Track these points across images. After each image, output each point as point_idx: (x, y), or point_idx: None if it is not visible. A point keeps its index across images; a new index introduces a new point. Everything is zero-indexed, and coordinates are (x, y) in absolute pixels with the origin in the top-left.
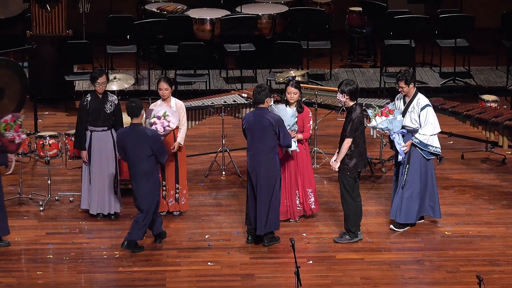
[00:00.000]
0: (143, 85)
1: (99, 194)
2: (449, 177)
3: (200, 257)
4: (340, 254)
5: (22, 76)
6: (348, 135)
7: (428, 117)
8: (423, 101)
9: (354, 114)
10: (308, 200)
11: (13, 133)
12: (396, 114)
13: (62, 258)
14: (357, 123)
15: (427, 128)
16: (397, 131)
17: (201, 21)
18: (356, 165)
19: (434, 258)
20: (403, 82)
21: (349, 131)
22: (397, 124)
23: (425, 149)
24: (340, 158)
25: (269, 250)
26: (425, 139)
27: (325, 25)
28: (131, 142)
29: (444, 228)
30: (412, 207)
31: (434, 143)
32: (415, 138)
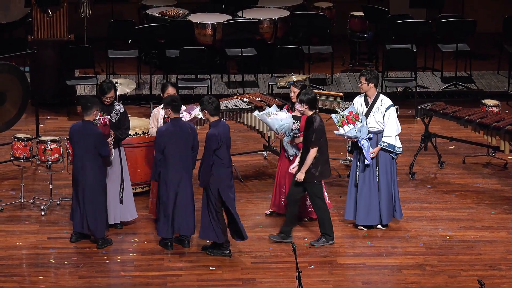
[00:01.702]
0: (145, 89)
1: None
2: (451, 181)
3: (202, 262)
4: (341, 258)
5: (24, 80)
6: (312, 145)
7: (391, 118)
8: (387, 101)
9: (316, 123)
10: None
11: (101, 120)
12: (362, 121)
13: (64, 262)
14: (320, 131)
15: (391, 129)
16: (365, 137)
17: (203, 26)
18: (322, 172)
19: (435, 263)
20: (364, 78)
21: (313, 141)
22: (364, 130)
23: (392, 151)
24: (305, 169)
25: (270, 255)
26: (392, 140)
27: (326, 30)
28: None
29: (446, 233)
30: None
31: (398, 143)
32: (383, 142)
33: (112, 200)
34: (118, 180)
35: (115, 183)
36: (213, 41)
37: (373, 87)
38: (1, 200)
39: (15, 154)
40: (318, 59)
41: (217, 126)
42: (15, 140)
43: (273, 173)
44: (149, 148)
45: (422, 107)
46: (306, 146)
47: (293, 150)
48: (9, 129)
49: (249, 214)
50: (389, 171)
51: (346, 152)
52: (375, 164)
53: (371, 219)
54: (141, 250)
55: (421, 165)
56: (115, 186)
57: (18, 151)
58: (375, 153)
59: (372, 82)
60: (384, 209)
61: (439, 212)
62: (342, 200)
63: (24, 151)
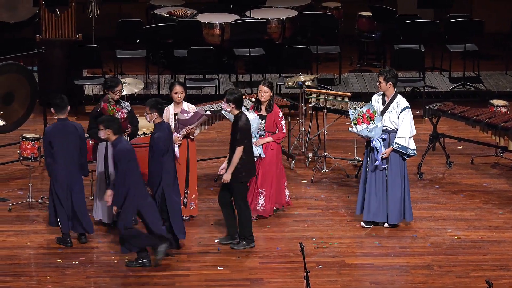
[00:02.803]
0: (153, 89)
1: None
2: (459, 182)
3: (210, 262)
4: (349, 258)
5: (32, 80)
6: (238, 144)
7: (405, 119)
8: (403, 103)
9: (241, 122)
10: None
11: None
12: (377, 121)
13: (72, 262)
14: (245, 131)
15: (405, 130)
16: (378, 137)
17: (211, 26)
18: (248, 171)
19: (443, 263)
20: (382, 78)
21: (239, 140)
22: (377, 131)
23: (405, 152)
24: (232, 169)
25: (278, 255)
26: (405, 142)
27: (334, 30)
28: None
29: (454, 233)
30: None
31: (411, 145)
32: (395, 143)
33: None
34: None
35: None
36: (221, 41)
37: (391, 86)
38: (9, 200)
39: (23, 153)
40: (326, 59)
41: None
42: (23, 140)
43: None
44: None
45: (430, 107)
46: (233, 146)
47: (257, 151)
48: (17, 129)
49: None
50: (400, 172)
51: (354, 152)
52: (385, 164)
53: (377, 216)
54: (149, 250)
55: (429, 165)
56: None
57: (26, 150)
58: (387, 154)
59: (390, 82)
60: (391, 208)
61: (447, 212)
62: (350, 200)
63: (32, 151)
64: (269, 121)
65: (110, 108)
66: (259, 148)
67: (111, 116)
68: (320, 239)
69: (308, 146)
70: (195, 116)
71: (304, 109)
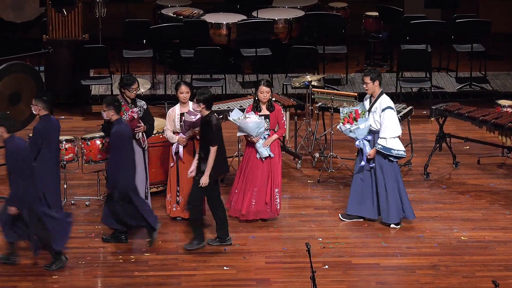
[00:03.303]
0: (159, 89)
1: None
2: (465, 182)
3: (216, 262)
4: (355, 259)
5: (38, 80)
6: (212, 144)
7: (386, 119)
8: (385, 103)
9: (213, 122)
10: (274, 201)
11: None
12: (360, 123)
13: (78, 262)
14: (217, 130)
15: (386, 131)
16: (362, 138)
17: (217, 26)
18: (219, 170)
19: (450, 263)
20: (368, 78)
21: (213, 140)
22: (361, 132)
23: (388, 154)
24: (209, 170)
25: (285, 255)
26: (386, 142)
27: (341, 30)
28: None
29: (460, 233)
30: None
31: (396, 146)
32: (378, 144)
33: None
34: (143, 179)
35: (141, 182)
36: (228, 41)
37: (378, 85)
38: None
39: None
40: (332, 59)
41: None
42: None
43: (286, 174)
44: (165, 148)
45: (437, 107)
46: (205, 146)
47: (267, 152)
48: (23, 128)
49: None
50: (387, 173)
51: None
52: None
53: (362, 211)
54: (156, 250)
55: (436, 166)
56: (139, 186)
57: None
58: (371, 155)
59: (377, 80)
60: (385, 207)
61: (454, 213)
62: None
63: None
64: (272, 119)
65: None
66: (268, 149)
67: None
68: (327, 239)
69: (314, 146)
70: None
71: (311, 109)
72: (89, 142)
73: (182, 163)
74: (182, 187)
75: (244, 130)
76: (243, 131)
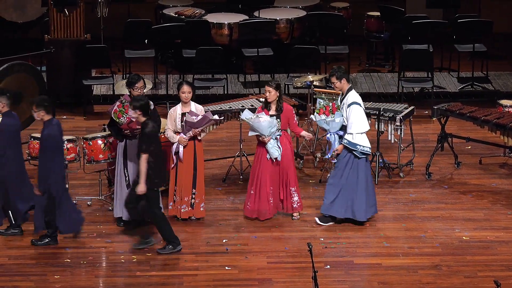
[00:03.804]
0: (161, 89)
1: None
2: (467, 182)
3: (218, 262)
4: (357, 259)
5: (40, 80)
6: (144, 151)
7: (352, 115)
8: (351, 98)
9: (147, 129)
10: (291, 199)
11: (126, 116)
12: (336, 116)
13: (80, 262)
14: (152, 137)
15: (352, 126)
16: (334, 132)
17: (219, 26)
18: (160, 177)
19: (451, 263)
20: (334, 77)
21: (145, 147)
22: (334, 125)
23: (354, 149)
24: (144, 178)
25: (287, 255)
26: (353, 138)
27: (343, 30)
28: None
29: (462, 233)
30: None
31: (362, 142)
32: (344, 139)
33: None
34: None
35: None
36: (230, 41)
37: (346, 82)
38: None
39: (32, 153)
40: (334, 59)
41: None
42: (32, 140)
43: None
44: (167, 148)
45: (439, 107)
46: (140, 153)
47: (277, 153)
48: (25, 128)
49: None
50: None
51: None
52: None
53: (333, 210)
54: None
55: (438, 166)
56: None
57: (34, 150)
58: (339, 150)
59: (344, 78)
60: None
61: (456, 213)
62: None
63: None
64: (283, 120)
65: (121, 109)
66: (279, 150)
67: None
68: (328, 239)
69: (316, 146)
70: (203, 120)
71: (313, 109)
72: (90, 142)
73: (181, 163)
74: (179, 187)
75: (256, 129)
76: (255, 131)
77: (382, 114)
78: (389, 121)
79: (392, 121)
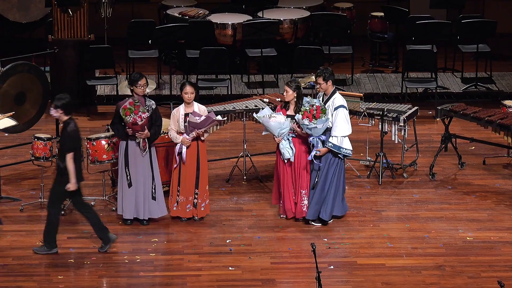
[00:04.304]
0: (165, 89)
1: (136, 199)
2: (471, 182)
3: (221, 262)
4: (361, 259)
5: (44, 80)
6: (68, 151)
7: (338, 118)
8: (338, 101)
9: (69, 128)
10: (301, 202)
11: (133, 116)
12: (318, 123)
13: (83, 262)
14: (75, 136)
15: (338, 129)
16: (317, 136)
17: (223, 26)
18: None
19: (455, 264)
20: (321, 78)
21: (68, 147)
22: (317, 131)
23: (338, 152)
24: (73, 177)
25: (290, 255)
26: (337, 141)
27: (346, 30)
28: None
29: (466, 234)
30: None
31: (345, 145)
32: (329, 143)
33: (143, 196)
34: (149, 178)
35: (147, 180)
36: (233, 41)
37: (331, 84)
38: (21, 200)
39: (35, 154)
40: (338, 59)
41: None
42: (35, 140)
43: None
44: (170, 149)
45: (442, 108)
46: (63, 153)
47: (289, 153)
48: (29, 129)
49: (268, 214)
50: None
51: (366, 152)
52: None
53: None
54: (161, 250)
55: (441, 166)
56: (146, 184)
57: (38, 150)
58: (321, 152)
59: (330, 80)
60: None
61: (459, 213)
62: (362, 201)
63: (44, 151)
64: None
65: (131, 107)
66: (292, 152)
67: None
68: (332, 240)
69: None
70: (206, 120)
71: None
72: (94, 142)
73: (184, 164)
74: (182, 187)
75: (267, 129)
76: (267, 130)
77: (386, 114)
78: (392, 122)
79: (396, 122)
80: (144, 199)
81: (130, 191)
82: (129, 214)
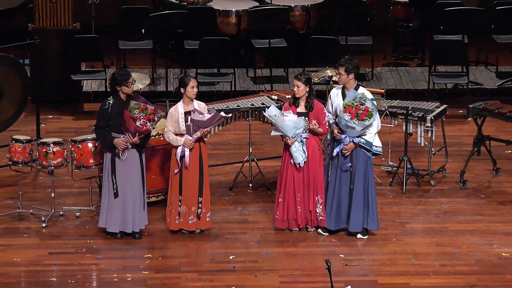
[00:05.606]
0: (160, 85)
1: (123, 211)
2: (507, 191)
3: (224, 281)
4: (382, 278)
5: (23, 75)
6: None
7: None
8: (368, 96)
9: None
10: (315, 209)
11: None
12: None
13: (67, 281)
14: None
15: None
16: (350, 136)
17: (226, 14)
18: None
19: (489, 283)
20: (343, 69)
21: None
22: (353, 133)
23: (369, 149)
24: None
25: (302, 273)
26: (371, 138)
27: (366, 18)
28: None
29: (501, 249)
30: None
31: (376, 142)
32: (361, 138)
33: (132, 207)
34: (139, 186)
35: (137, 189)
36: (238, 30)
37: (353, 78)
38: None
39: (13, 158)
40: (356, 51)
41: None
42: (13, 142)
43: None
44: (166, 152)
45: (475, 106)
46: None
47: (302, 157)
48: (6, 129)
49: None
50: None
51: (388, 157)
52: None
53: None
54: (155, 267)
55: (473, 172)
56: (136, 193)
57: (16, 154)
58: (348, 150)
59: (352, 73)
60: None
61: (494, 226)
62: (383, 211)
63: (23, 155)
64: (312, 119)
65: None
66: (304, 154)
67: None
68: (349, 256)
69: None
70: (214, 117)
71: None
72: (80, 145)
73: (186, 169)
74: (185, 196)
75: (280, 129)
76: (279, 131)
77: (411, 114)
78: (418, 122)
79: (422, 122)
80: (133, 210)
81: (116, 202)
82: (114, 227)
